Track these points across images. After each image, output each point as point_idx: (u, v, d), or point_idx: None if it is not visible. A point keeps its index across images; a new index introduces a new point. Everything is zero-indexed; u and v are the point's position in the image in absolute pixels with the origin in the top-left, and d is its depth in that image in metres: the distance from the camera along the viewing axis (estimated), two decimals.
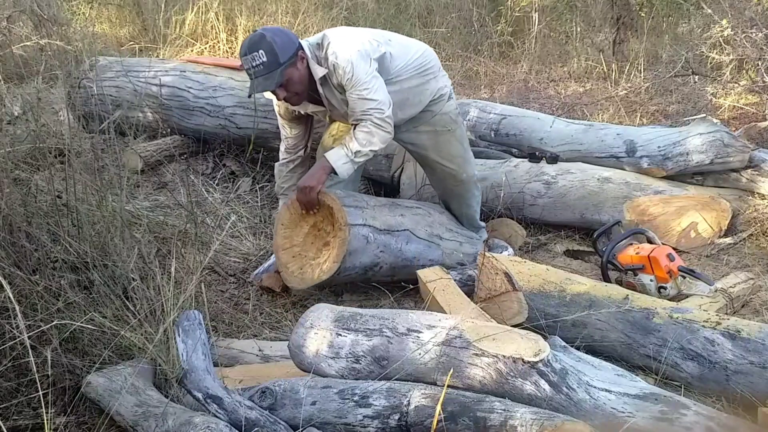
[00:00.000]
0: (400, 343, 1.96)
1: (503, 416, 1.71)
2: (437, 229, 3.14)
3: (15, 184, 2.70)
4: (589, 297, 2.52)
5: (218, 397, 1.87)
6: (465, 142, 3.23)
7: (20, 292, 2.24)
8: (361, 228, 2.84)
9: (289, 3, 6.19)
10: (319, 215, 2.95)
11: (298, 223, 2.99)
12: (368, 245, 2.86)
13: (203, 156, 4.28)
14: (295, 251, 2.97)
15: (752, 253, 3.17)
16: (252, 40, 2.74)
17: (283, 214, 3.00)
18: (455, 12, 6.71)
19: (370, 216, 2.91)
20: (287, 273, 2.93)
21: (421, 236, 3.04)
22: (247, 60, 2.73)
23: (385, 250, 2.92)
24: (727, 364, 2.16)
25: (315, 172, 2.89)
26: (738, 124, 4.40)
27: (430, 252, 3.06)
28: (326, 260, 2.86)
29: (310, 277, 2.87)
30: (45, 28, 4.51)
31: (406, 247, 2.98)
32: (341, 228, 2.80)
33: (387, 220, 2.96)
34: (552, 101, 5.39)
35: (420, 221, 3.09)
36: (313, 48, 2.84)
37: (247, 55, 2.73)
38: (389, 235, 2.94)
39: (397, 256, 2.96)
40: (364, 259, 2.86)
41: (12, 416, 2.11)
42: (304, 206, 2.90)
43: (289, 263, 2.94)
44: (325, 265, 2.84)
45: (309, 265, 2.91)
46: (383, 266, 2.94)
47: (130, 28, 6.68)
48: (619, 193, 3.42)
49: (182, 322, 1.96)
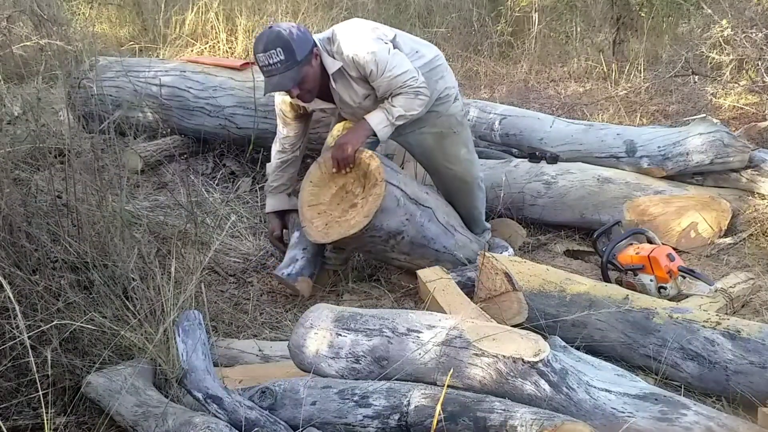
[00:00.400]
0: (400, 343, 1.96)
1: (503, 416, 1.71)
2: (453, 221, 3.15)
3: (15, 184, 2.70)
4: (589, 297, 2.52)
5: (218, 397, 1.87)
6: (470, 144, 3.21)
7: (20, 292, 2.24)
8: (395, 189, 2.82)
9: (289, 3, 6.19)
10: (349, 176, 2.91)
11: (327, 183, 2.95)
12: (398, 208, 2.83)
13: (203, 156, 4.28)
14: (321, 209, 2.92)
15: (752, 253, 3.17)
16: (269, 37, 2.69)
17: (312, 172, 2.96)
18: (455, 12, 6.71)
19: (402, 181, 2.91)
20: (311, 228, 2.87)
21: (440, 220, 3.06)
22: (263, 58, 2.69)
23: (410, 220, 2.89)
24: (727, 364, 2.16)
25: (355, 131, 2.87)
26: (738, 124, 4.40)
27: (446, 239, 3.06)
28: (355, 216, 2.80)
29: (336, 231, 2.81)
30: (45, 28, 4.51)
31: (427, 225, 2.98)
32: (377, 183, 2.77)
33: (415, 191, 2.96)
34: (552, 101, 5.39)
35: (440, 206, 3.11)
36: (324, 42, 2.81)
37: (263, 52, 2.68)
38: (416, 205, 2.93)
39: (418, 231, 2.94)
40: (390, 223, 2.83)
41: (12, 416, 2.11)
42: (340, 163, 2.86)
43: (314, 219, 2.89)
44: (354, 220, 2.79)
45: (336, 222, 2.86)
46: (405, 237, 2.91)
47: (130, 28, 6.69)
48: (619, 193, 3.42)
49: (182, 322, 1.96)
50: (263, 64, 2.71)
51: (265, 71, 2.72)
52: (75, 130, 3.54)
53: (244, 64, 4.21)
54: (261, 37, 2.72)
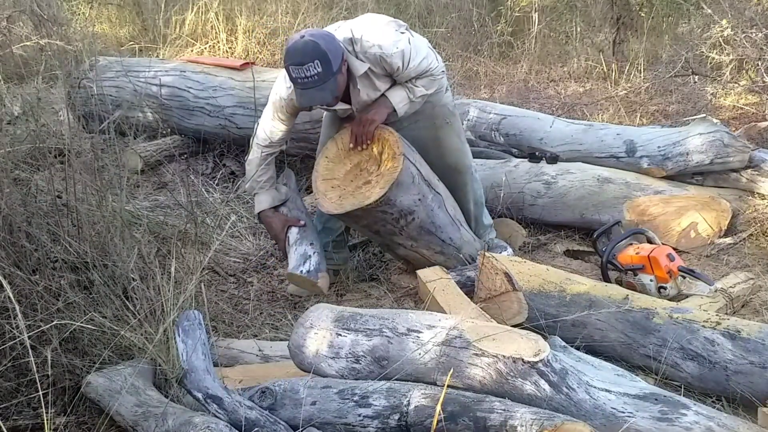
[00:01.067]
0: (400, 343, 1.96)
1: (503, 416, 1.71)
2: (459, 216, 3.15)
3: (15, 184, 2.70)
4: (589, 297, 2.52)
5: (218, 397, 1.87)
6: (462, 135, 3.24)
7: (20, 292, 2.24)
8: (411, 165, 2.81)
9: (289, 3, 6.19)
10: (365, 154, 2.89)
11: (342, 159, 2.92)
12: (412, 185, 2.82)
13: (203, 156, 4.28)
14: (335, 183, 2.90)
15: (752, 253, 3.17)
16: (305, 49, 2.60)
17: (329, 147, 2.94)
18: (455, 12, 6.71)
19: (418, 160, 2.90)
20: (324, 199, 2.83)
21: (449, 210, 3.05)
22: (299, 70, 2.61)
23: (422, 201, 2.88)
24: (727, 364, 2.16)
25: (377, 107, 2.85)
26: (738, 124, 4.40)
27: (453, 230, 3.06)
28: (371, 189, 2.77)
29: (350, 203, 2.77)
30: (45, 28, 4.51)
31: (437, 211, 2.97)
32: (395, 156, 2.75)
33: (428, 173, 2.96)
34: (552, 101, 5.39)
35: (448, 198, 3.10)
36: (346, 44, 2.77)
37: (300, 65, 2.60)
38: (428, 187, 2.92)
39: (428, 215, 2.93)
40: (404, 200, 2.80)
41: (12, 416, 2.11)
42: (360, 138, 2.84)
43: (328, 192, 2.86)
44: (369, 192, 2.76)
45: (350, 194, 2.82)
46: (415, 219, 2.88)
47: (130, 28, 6.69)
48: (619, 193, 3.42)
49: (182, 322, 1.96)
50: (299, 76, 2.62)
51: (300, 83, 2.65)
52: (75, 130, 3.54)
53: (244, 64, 4.21)
54: (295, 49, 2.63)
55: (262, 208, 3.10)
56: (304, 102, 2.74)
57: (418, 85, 2.85)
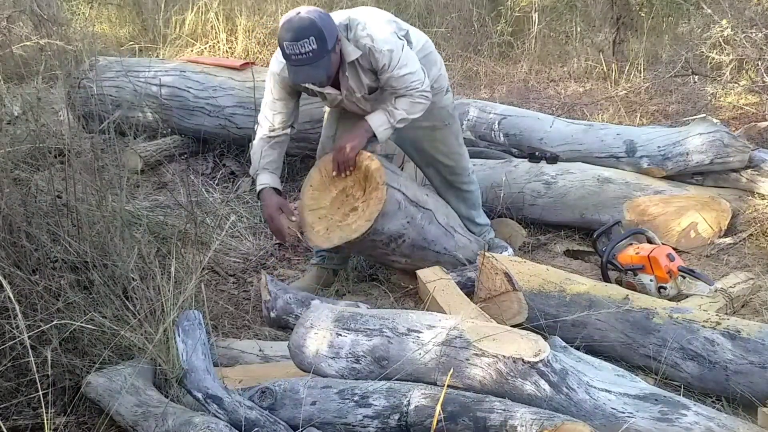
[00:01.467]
0: (400, 343, 1.96)
1: (503, 416, 1.71)
2: (453, 222, 3.15)
3: (15, 184, 2.70)
4: (589, 297, 2.52)
5: (218, 397, 1.87)
6: (460, 137, 3.23)
7: (20, 292, 2.24)
8: (396, 192, 2.80)
9: (289, 3, 6.19)
10: (349, 180, 2.89)
11: (327, 186, 2.92)
12: (399, 211, 2.82)
13: (203, 156, 4.28)
14: (321, 213, 2.90)
15: (752, 253, 3.17)
16: (300, 25, 2.56)
17: (313, 176, 2.94)
18: (455, 12, 6.71)
19: (403, 184, 2.89)
20: (312, 233, 2.85)
21: (441, 222, 3.05)
22: (294, 47, 2.56)
23: (411, 222, 2.88)
24: (727, 364, 2.16)
25: (355, 132, 2.82)
26: (738, 124, 4.40)
27: (446, 240, 3.06)
28: (357, 220, 2.79)
29: (337, 236, 2.78)
30: (45, 28, 4.51)
31: (427, 227, 2.97)
32: (378, 187, 2.74)
33: (416, 193, 2.96)
34: (552, 101, 5.39)
35: (440, 208, 3.10)
36: (341, 29, 2.72)
37: (295, 41, 2.55)
38: (416, 208, 2.92)
39: (419, 233, 2.93)
40: (392, 226, 2.81)
41: (12, 416, 2.11)
42: (341, 166, 2.82)
43: (315, 223, 2.87)
44: (356, 224, 2.77)
45: (337, 226, 2.84)
46: (406, 240, 2.89)
47: (130, 28, 6.68)
48: (619, 193, 3.42)
49: (182, 322, 1.96)
50: (293, 53, 2.58)
51: (294, 60, 2.60)
52: (75, 130, 3.54)
53: (244, 64, 4.21)
54: (290, 24, 2.58)
55: (263, 185, 2.92)
56: (297, 79, 2.68)
57: (399, 108, 2.79)
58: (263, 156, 2.91)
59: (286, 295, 2.82)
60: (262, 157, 2.92)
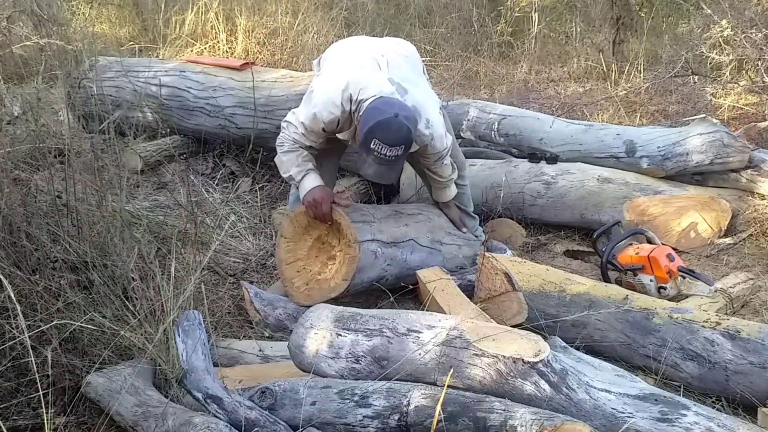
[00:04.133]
0: (400, 344, 1.96)
1: (503, 416, 1.71)
2: (438, 235, 3.11)
3: (15, 184, 2.70)
4: (588, 297, 2.52)
5: (218, 397, 1.87)
6: (455, 149, 3.19)
7: (20, 292, 2.24)
8: (370, 244, 2.80)
9: (289, 3, 6.19)
10: (324, 227, 2.90)
11: (302, 236, 2.93)
12: (376, 260, 2.82)
13: (203, 156, 4.28)
14: (299, 265, 2.91)
15: (752, 253, 3.17)
16: (399, 134, 2.62)
17: (285, 227, 2.93)
18: (455, 12, 6.71)
19: (377, 230, 2.86)
20: (292, 288, 2.87)
21: (424, 244, 3.02)
22: (387, 150, 2.63)
23: (392, 263, 2.89)
24: (727, 364, 2.16)
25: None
26: (738, 124, 4.40)
27: (432, 259, 3.03)
28: (334, 276, 2.81)
29: (317, 294, 2.80)
30: (45, 28, 4.51)
31: (410, 257, 2.96)
32: (350, 245, 2.75)
33: (393, 232, 2.93)
34: (552, 101, 5.39)
35: (422, 228, 3.06)
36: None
37: (391, 146, 2.62)
38: (395, 247, 2.91)
39: (402, 267, 2.93)
40: (371, 274, 2.83)
41: (12, 416, 2.11)
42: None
43: (294, 278, 2.88)
44: (333, 282, 2.79)
45: (315, 281, 2.86)
46: (389, 278, 2.91)
47: (130, 28, 6.69)
48: (619, 193, 3.42)
49: (182, 322, 1.96)
50: (381, 154, 2.64)
51: (379, 159, 2.65)
52: (75, 130, 3.54)
53: (244, 64, 4.21)
54: (388, 128, 2.62)
55: (316, 184, 2.88)
56: (372, 174, 2.72)
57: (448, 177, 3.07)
58: (306, 159, 2.90)
59: (275, 311, 2.81)
60: (306, 159, 2.90)
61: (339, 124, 2.81)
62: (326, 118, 2.76)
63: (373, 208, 3.03)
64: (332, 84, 2.79)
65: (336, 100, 2.74)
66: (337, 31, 6.15)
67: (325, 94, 2.78)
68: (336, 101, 2.74)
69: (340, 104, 2.74)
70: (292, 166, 2.90)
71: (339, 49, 3.08)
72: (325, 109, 2.76)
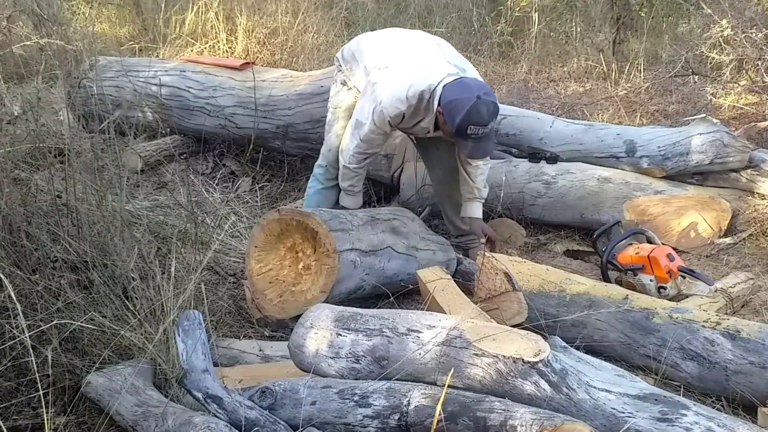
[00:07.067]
0: (400, 343, 1.96)
1: (503, 416, 1.71)
2: (413, 240, 3.03)
3: (15, 184, 2.70)
4: (588, 297, 2.52)
5: (218, 397, 1.87)
6: None
7: (20, 291, 2.24)
8: (349, 253, 2.69)
9: (289, 3, 6.19)
10: (296, 235, 2.78)
11: (274, 244, 2.80)
12: (355, 270, 2.71)
13: (203, 156, 4.28)
14: (272, 276, 2.78)
15: (752, 253, 3.17)
16: (488, 111, 2.80)
17: (256, 236, 2.79)
18: (455, 12, 6.71)
19: (356, 238, 2.75)
20: (265, 301, 2.73)
21: (401, 251, 2.94)
22: (481, 129, 2.81)
23: (369, 272, 2.78)
24: (727, 364, 2.16)
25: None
26: (738, 124, 4.40)
27: (408, 265, 2.95)
28: (311, 288, 2.68)
29: (293, 307, 2.67)
30: (45, 28, 4.50)
31: (387, 265, 2.87)
32: (329, 255, 2.62)
33: (371, 240, 2.83)
34: (552, 101, 5.39)
35: (399, 235, 2.98)
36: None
37: (484, 126, 2.80)
38: (373, 256, 2.81)
39: (379, 276, 2.84)
40: (350, 285, 2.73)
41: (12, 416, 2.11)
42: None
43: (267, 290, 2.75)
44: (310, 294, 2.66)
45: (290, 293, 2.73)
46: (366, 288, 2.82)
47: (130, 27, 6.69)
48: (619, 193, 3.42)
49: (182, 322, 1.96)
50: (482, 133, 2.82)
51: (475, 137, 2.82)
52: (75, 130, 3.54)
53: (244, 64, 4.21)
54: (482, 112, 2.79)
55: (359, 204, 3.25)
56: (477, 153, 2.95)
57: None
58: (358, 180, 3.21)
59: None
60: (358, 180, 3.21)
61: (404, 118, 2.94)
62: (392, 113, 2.92)
63: (349, 215, 2.91)
64: (397, 79, 2.93)
65: (401, 96, 2.89)
66: (337, 31, 6.15)
67: (391, 89, 2.92)
68: (401, 96, 2.89)
69: (405, 99, 2.88)
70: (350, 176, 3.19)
71: (386, 40, 3.17)
72: (391, 105, 2.91)
